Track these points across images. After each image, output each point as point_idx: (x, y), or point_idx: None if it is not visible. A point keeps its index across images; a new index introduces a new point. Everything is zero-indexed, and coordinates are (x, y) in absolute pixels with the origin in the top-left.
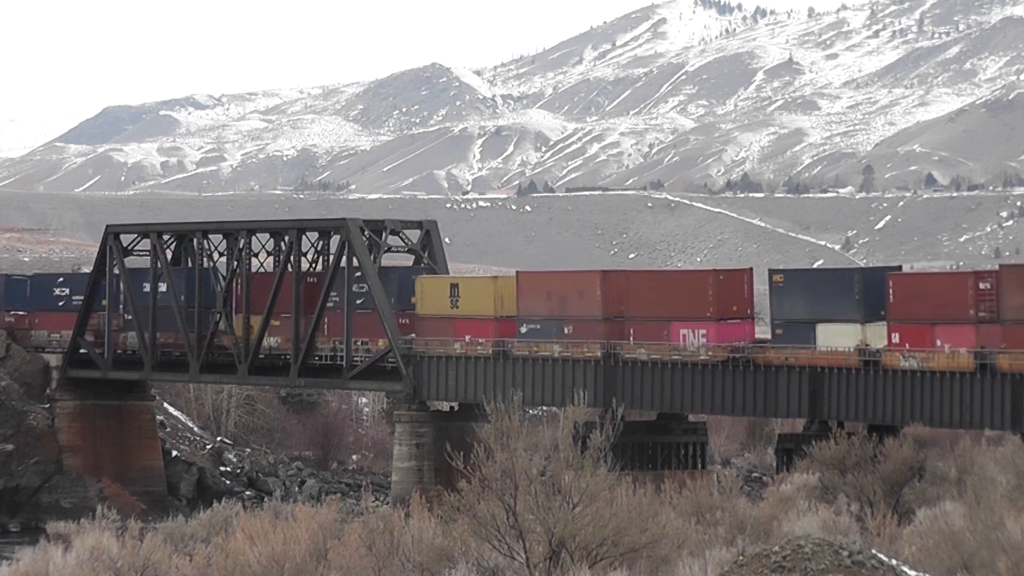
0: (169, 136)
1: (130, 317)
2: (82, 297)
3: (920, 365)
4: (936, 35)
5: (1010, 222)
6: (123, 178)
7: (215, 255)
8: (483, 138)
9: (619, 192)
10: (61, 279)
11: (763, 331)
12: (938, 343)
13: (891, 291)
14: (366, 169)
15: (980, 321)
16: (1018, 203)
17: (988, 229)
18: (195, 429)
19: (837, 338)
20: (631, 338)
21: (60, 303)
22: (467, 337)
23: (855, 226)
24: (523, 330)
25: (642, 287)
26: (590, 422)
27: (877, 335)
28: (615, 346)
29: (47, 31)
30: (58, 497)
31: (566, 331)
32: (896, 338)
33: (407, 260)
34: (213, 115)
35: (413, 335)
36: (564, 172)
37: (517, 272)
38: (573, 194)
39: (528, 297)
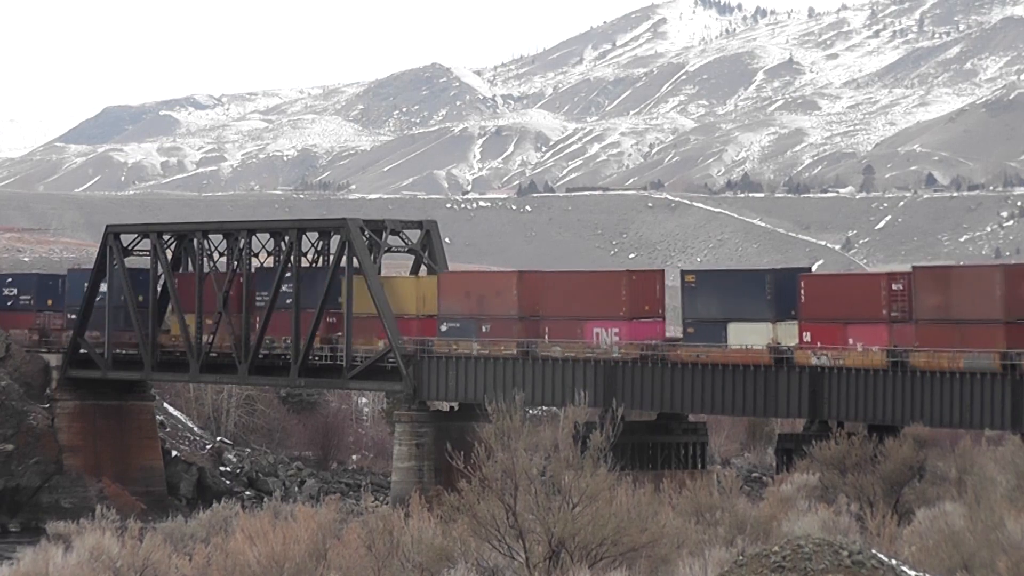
0: (169, 136)
1: (73, 316)
2: (30, 297)
3: (832, 362)
4: (936, 35)
5: (1010, 222)
6: (123, 178)
7: (215, 255)
8: (483, 138)
9: (619, 192)
10: (10, 279)
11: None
12: (850, 341)
13: (802, 292)
14: (366, 169)
15: (893, 321)
16: (1018, 203)
17: (988, 229)
18: (195, 429)
19: (748, 336)
20: (546, 336)
21: (8, 303)
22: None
23: (855, 226)
24: (443, 328)
25: (557, 287)
26: (590, 422)
27: (788, 334)
28: (530, 344)
29: (47, 31)
30: (58, 497)
31: (484, 329)
32: (808, 337)
33: (407, 260)
34: (213, 115)
35: (339, 333)
36: (564, 172)
37: (442, 274)
38: (573, 194)
39: (449, 297)
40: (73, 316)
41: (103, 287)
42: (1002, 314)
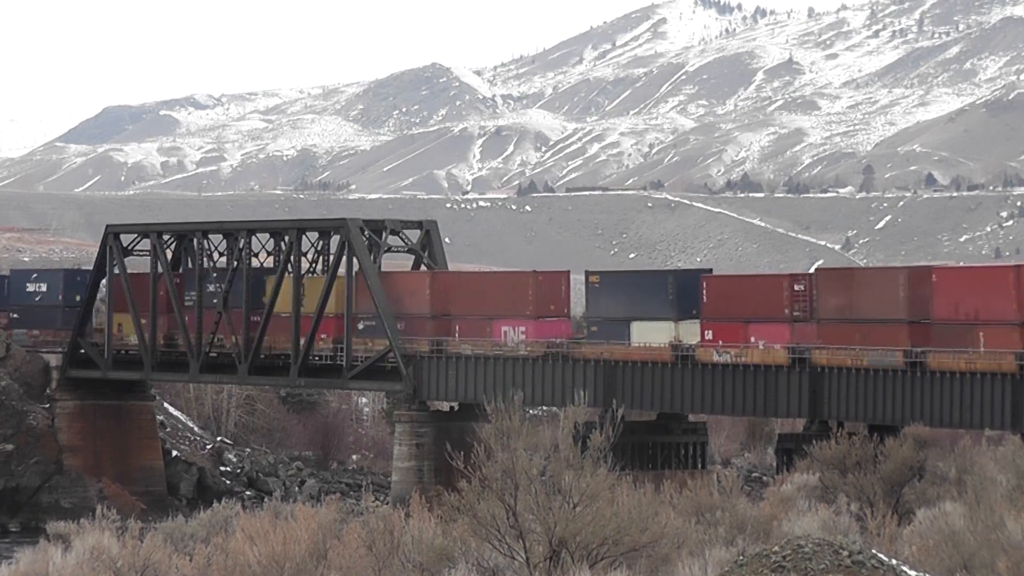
0: (169, 136)
1: (16, 316)
2: None
3: (733, 360)
4: (936, 35)
5: (1010, 222)
6: (123, 178)
7: (215, 255)
8: (483, 138)
9: (619, 192)
10: None
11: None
12: (752, 340)
13: (704, 292)
14: (366, 169)
15: (794, 320)
16: (1018, 203)
17: (988, 229)
18: (195, 429)
19: (651, 335)
20: (456, 334)
21: None
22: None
23: (855, 226)
24: (360, 327)
25: (468, 287)
26: (590, 422)
27: (690, 332)
28: (441, 342)
29: (47, 31)
30: (58, 497)
31: (399, 327)
32: (709, 335)
33: (407, 260)
34: (213, 115)
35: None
36: (564, 172)
37: (356, 272)
38: (573, 194)
39: (365, 296)
40: (16, 316)
41: (42, 286)
42: (906, 314)
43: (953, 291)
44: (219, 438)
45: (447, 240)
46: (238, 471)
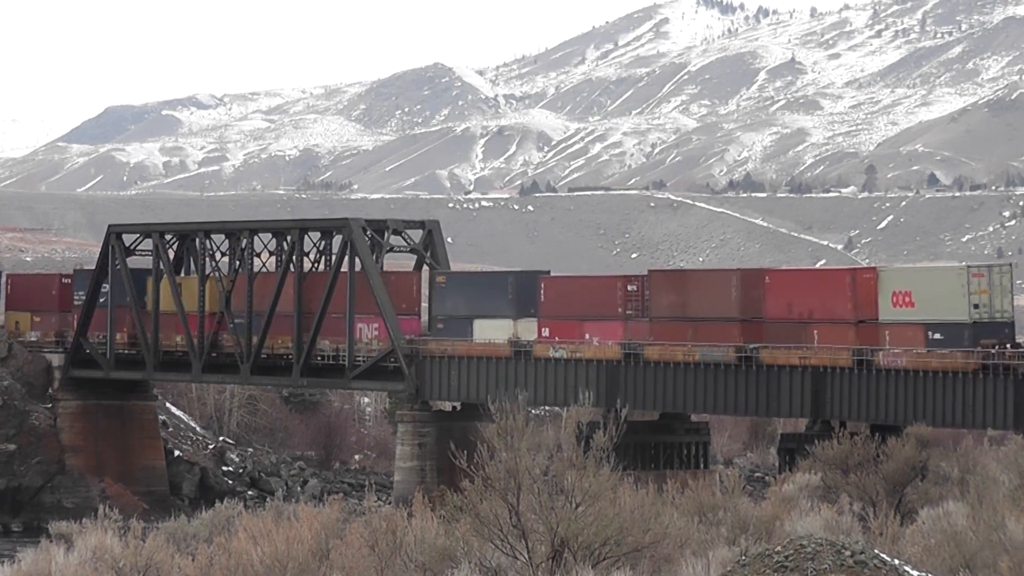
0: (171, 136)
1: None
2: None
3: (568, 355)
4: (938, 35)
5: (1012, 222)
6: (125, 178)
7: (217, 255)
8: (485, 138)
9: (621, 192)
10: None
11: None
12: (587, 336)
13: (542, 292)
14: (368, 169)
15: (627, 318)
16: (1020, 203)
17: (991, 229)
18: (197, 429)
19: (492, 332)
20: (320, 332)
21: None
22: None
23: (858, 226)
24: (231, 325)
25: (336, 288)
26: (593, 422)
27: (528, 330)
28: (304, 339)
29: (49, 31)
30: (60, 497)
31: (292, 325)
32: (546, 332)
33: (409, 260)
34: (215, 115)
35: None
36: (566, 172)
37: (238, 273)
38: (575, 194)
39: (241, 295)
40: None
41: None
42: (738, 312)
43: (785, 292)
44: (221, 438)
45: (449, 240)
46: (240, 471)
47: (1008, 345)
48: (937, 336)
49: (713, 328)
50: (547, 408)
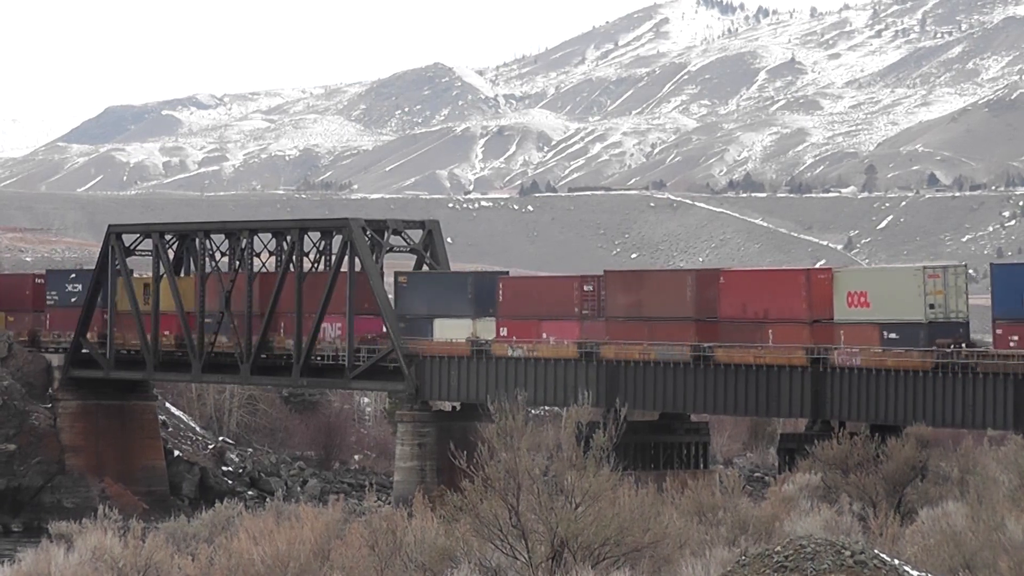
0: (171, 136)
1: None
2: None
3: (526, 354)
4: (938, 35)
5: (1012, 222)
6: (125, 178)
7: (217, 255)
8: (485, 138)
9: (621, 192)
10: None
11: None
12: (544, 336)
13: (500, 292)
14: (368, 169)
15: (583, 318)
16: (1020, 203)
17: (991, 229)
18: (197, 429)
19: (451, 331)
20: (282, 331)
21: None
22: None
23: (857, 226)
24: (205, 322)
25: (289, 288)
26: (593, 422)
27: (486, 329)
28: (271, 337)
29: (49, 31)
30: (60, 497)
31: (232, 325)
32: (504, 331)
33: (409, 260)
34: (215, 115)
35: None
36: (566, 172)
37: (194, 274)
38: (575, 194)
39: (208, 295)
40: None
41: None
42: (693, 312)
43: (740, 292)
44: (221, 438)
45: (449, 240)
46: (240, 471)
47: (963, 344)
48: (892, 336)
49: (668, 327)
50: (547, 408)
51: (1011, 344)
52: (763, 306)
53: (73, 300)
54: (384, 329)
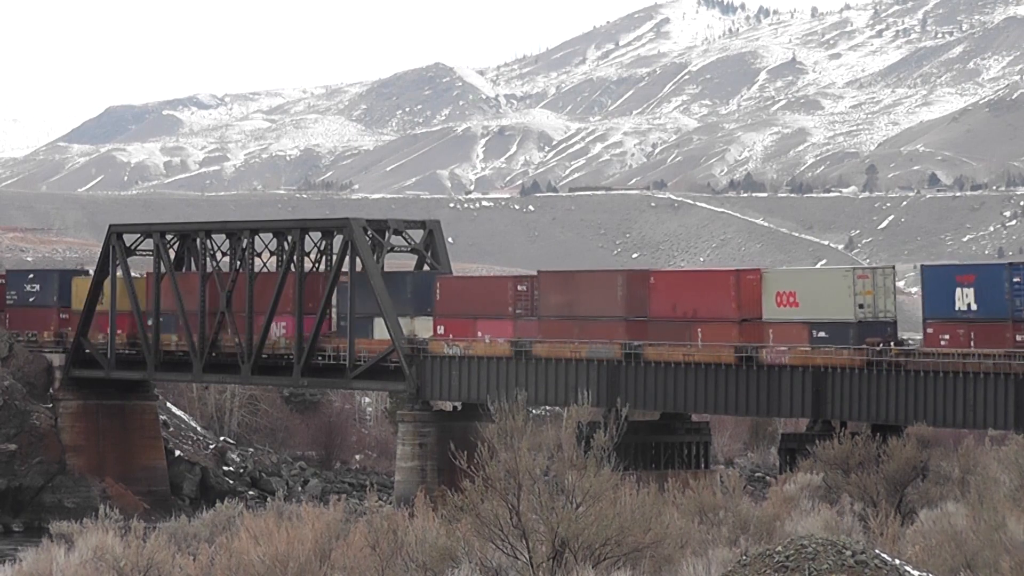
0: (172, 136)
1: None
2: None
3: (462, 352)
4: (939, 35)
5: (1013, 222)
6: (126, 178)
7: (218, 255)
8: (486, 138)
9: (622, 192)
10: None
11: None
12: (479, 334)
13: (438, 291)
14: (369, 169)
15: (517, 317)
16: (1021, 203)
17: (991, 229)
18: (198, 429)
19: (391, 330)
20: (230, 330)
21: None
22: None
23: (858, 226)
24: (149, 322)
25: (240, 288)
26: (594, 422)
27: (424, 327)
28: (217, 336)
29: (50, 31)
30: (61, 497)
31: (180, 323)
32: (441, 329)
33: (410, 260)
34: (216, 115)
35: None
36: (567, 172)
37: (146, 273)
38: (576, 194)
39: (163, 295)
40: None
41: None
42: (623, 312)
43: (670, 292)
44: (222, 438)
45: (450, 240)
46: (241, 471)
47: (892, 343)
48: (821, 334)
49: (599, 326)
50: (547, 408)
51: (942, 343)
52: (692, 306)
53: (31, 300)
54: (332, 328)
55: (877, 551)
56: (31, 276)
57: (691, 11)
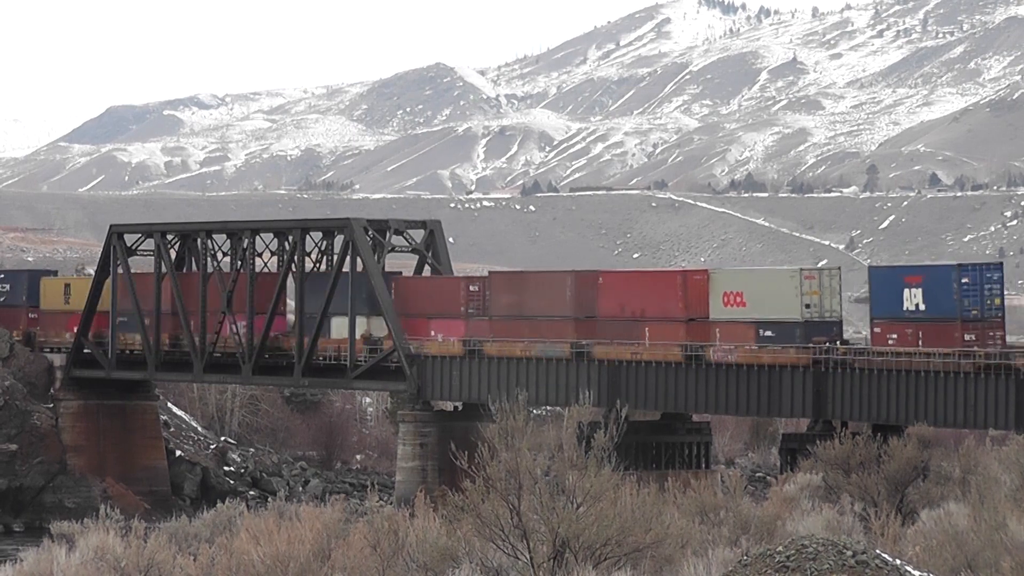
0: (173, 136)
1: None
2: None
3: (415, 351)
4: (940, 35)
5: (1014, 222)
6: (127, 178)
7: (219, 255)
8: (487, 138)
9: (623, 192)
10: None
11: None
12: (432, 333)
13: (393, 291)
14: (370, 169)
15: (469, 316)
16: (1022, 203)
17: (992, 229)
18: (199, 429)
19: (347, 329)
20: (191, 329)
21: None
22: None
23: (859, 226)
24: (118, 322)
25: (198, 288)
26: (594, 422)
27: (379, 327)
28: (177, 336)
29: (51, 31)
30: (62, 497)
31: (146, 323)
32: None
33: (411, 260)
34: (217, 115)
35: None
36: (568, 172)
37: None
38: (577, 194)
39: (120, 294)
40: None
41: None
42: (572, 312)
43: (618, 292)
44: (223, 438)
45: (451, 240)
46: (242, 471)
47: (837, 342)
48: (768, 333)
49: (549, 326)
50: (548, 408)
51: (890, 342)
52: (640, 305)
53: (1, 300)
54: (287, 328)
55: (878, 551)
56: (1, 276)
57: (692, 11)
